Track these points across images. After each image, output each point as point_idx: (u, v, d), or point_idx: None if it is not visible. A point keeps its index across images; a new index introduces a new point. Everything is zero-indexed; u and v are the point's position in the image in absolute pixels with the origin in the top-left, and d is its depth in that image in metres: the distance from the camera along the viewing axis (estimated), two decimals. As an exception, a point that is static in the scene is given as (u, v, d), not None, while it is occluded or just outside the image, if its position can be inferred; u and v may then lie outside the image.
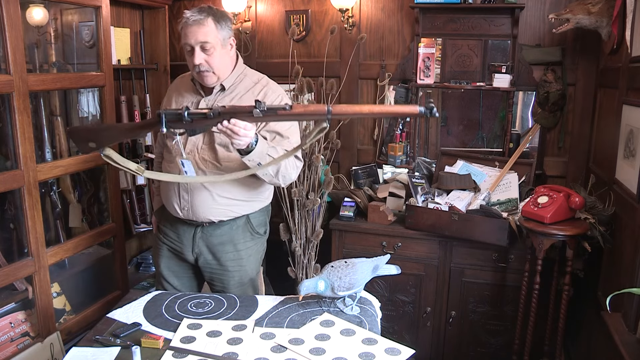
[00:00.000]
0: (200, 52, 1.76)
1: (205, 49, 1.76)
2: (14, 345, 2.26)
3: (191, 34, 1.75)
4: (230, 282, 1.99)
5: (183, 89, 1.96)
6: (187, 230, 1.97)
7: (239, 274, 2.00)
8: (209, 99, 1.88)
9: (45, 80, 2.31)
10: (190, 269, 2.06)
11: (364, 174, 3.01)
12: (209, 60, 1.78)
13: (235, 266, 1.98)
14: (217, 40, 1.78)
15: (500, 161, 2.72)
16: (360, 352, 1.41)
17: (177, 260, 2.04)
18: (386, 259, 1.74)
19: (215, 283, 2.03)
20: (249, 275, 2.03)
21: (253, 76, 1.94)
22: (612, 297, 1.59)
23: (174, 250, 2.02)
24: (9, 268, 2.18)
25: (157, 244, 2.07)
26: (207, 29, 1.75)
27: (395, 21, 2.98)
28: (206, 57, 1.77)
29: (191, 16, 1.75)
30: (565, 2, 2.63)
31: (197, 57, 1.77)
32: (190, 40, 1.76)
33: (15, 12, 2.06)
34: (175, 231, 1.99)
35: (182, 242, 1.99)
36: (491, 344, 2.57)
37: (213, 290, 2.06)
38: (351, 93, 3.06)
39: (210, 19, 1.76)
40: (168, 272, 2.05)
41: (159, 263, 2.05)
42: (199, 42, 1.75)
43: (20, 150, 2.15)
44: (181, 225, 1.97)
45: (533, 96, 2.78)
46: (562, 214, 2.20)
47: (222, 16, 1.80)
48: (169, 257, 2.04)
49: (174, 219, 1.98)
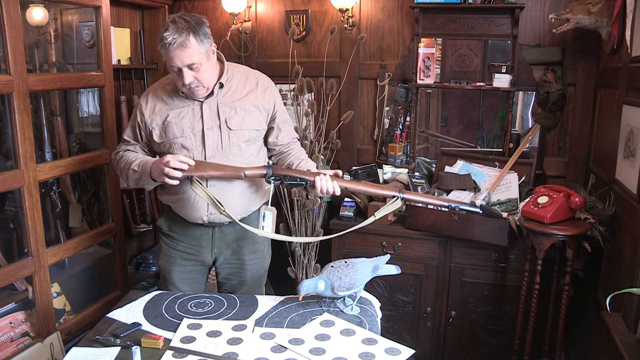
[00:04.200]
0: (188, 72, 1.73)
1: (192, 69, 1.73)
2: (14, 345, 2.26)
3: (176, 58, 1.70)
4: (248, 274, 2.04)
5: (170, 100, 1.87)
6: (204, 233, 1.97)
7: (256, 266, 2.06)
8: (210, 99, 1.87)
9: (45, 80, 2.31)
10: (202, 272, 2.06)
11: (364, 174, 3.01)
12: (198, 77, 1.75)
13: (252, 259, 2.04)
14: (202, 56, 1.74)
15: (500, 161, 2.72)
16: (360, 352, 1.41)
17: (191, 266, 2.02)
18: (386, 259, 1.74)
19: (232, 278, 2.05)
20: (264, 267, 2.11)
21: (238, 68, 1.96)
22: (612, 297, 1.59)
23: (190, 256, 2.00)
24: (9, 268, 2.18)
25: (168, 252, 2.03)
26: (191, 50, 1.69)
27: (395, 21, 2.98)
28: (195, 74, 1.74)
29: (173, 40, 1.66)
30: (565, 2, 2.63)
31: (187, 77, 1.73)
32: (176, 64, 1.71)
33: (15, 12, 2.05)
34: (190, 236, 1.98)
35: (200, 246, 1.98)
36: (491, 344, 2.57)
37: (225, 287, 2.08)
38: (351, 93, 3.06)
39: (191, 36, 1.68)
40: (180, 279, 2.02)
41: (171, 270, 2.02)
42: (185, 64, 1.71)
43: (20, 150, 2.15)
44: (197, 229, 1.96)
45: (533, 96, 2.78)
46: (562, 214, 2.19)
47: (200, 27, 1.72)
48: (183, 264, 2.02)
49: (188, 224, 1.96)
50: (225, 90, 1.88)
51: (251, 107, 1.90)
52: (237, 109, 1.88)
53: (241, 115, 1.88)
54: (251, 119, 1.90)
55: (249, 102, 1.90)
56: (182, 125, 1.84)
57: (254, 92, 1.91)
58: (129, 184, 1.92)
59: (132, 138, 1.95)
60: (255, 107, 1.90)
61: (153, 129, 1.87)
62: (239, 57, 3.18)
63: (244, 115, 1.88)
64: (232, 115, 1.86)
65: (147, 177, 1.80)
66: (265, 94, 1.93)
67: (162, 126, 1.86)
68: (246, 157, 1.91)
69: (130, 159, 1.89)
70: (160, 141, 1.87)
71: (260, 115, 1.92)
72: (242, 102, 1.89)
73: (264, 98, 1.93)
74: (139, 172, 1.83)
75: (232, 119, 1.86)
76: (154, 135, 1.87)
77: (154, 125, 1.87)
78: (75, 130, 2.83)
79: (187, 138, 1.84)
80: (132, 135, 1.95)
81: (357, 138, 3.14)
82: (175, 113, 1.86)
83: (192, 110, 1.86)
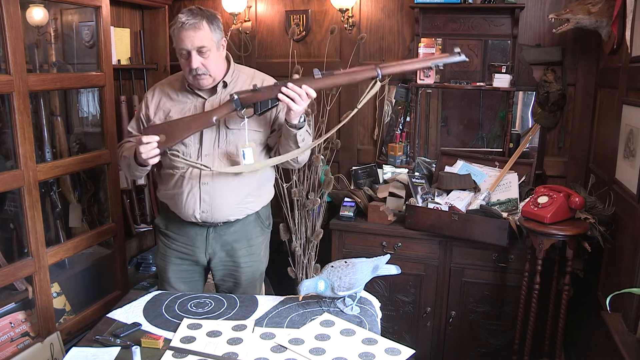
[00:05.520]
0: (197, 56, 1.76)
1: (201, 53, 1.76)
2: (14, 345, 2.26)
3: (187, 39, 1.74)
4: (243, 277, 2.03)
5: (175, 96, 1.91)
6: (199, 233, 1.96)
7: (251, 269, 2.04)
8: (213, 98, 1.87)
9: (45, 80, 2.31)
10: (198, 272, 2.06)
11: (364, 174, 3.01)
12: (205, 64, 1.78)
13: (248, 262, 2.02)
14: (213, 43, 1.78)
15: (500, 161, 2.72)
16: (360, 352, 1.41)
17: (187, 265, 2.03)
18: (386, 259, 1.74)
19: (227, 280, 2.04)
20: (260, 270, 2.09)
21: (244, 70, 1.98)
22: (612, 297, 1.59)
23: (184, 255, 2.01)
24: (9, 268, 2.18)
25: (164, 251, 2.03)
26: (202, 33, 1.74)
27: (395, 21, 2.98)
28: (203, 60, 1.77)
29: (186, 20, 1.72)
30: (565, 2, 2.63)
31: (195, 61, 1.76)
32: (186, 45, 1.74)
33: (15, 12, 2.05)
34: (185, 235, 1.98)
35: (194, 245, 1.98)
36: (491, 344, 2.57)
37: (222, 289, 2.07)
38: (351, 93, 3.06)
39: (204, 21, 1.75)
40: (176, 278, 2.03)
41: (167, 269, 2.02)
42: (195, 46, 1.74)
43: (20, 150, 2.15)
44: (191, 228, 1.96)
45: (533, 96, 2.78)
46: (562, 214, 2.20)
47: (214, 18, 1.80)
48: (178, 263, 2.02)
49: (183, 223, 1.96)
50: (228, 90, 1.88)
51: None
52: None
53: None
54: (252, 119, 1.90)
55: None
56: None
57: None
58: (126, 173, 1.96)
59: (135, 130, 1.98)
60: None
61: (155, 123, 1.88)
62: (239, 57, 3.18)
63: None
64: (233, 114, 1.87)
65: (134, 162, 1.82)
66: None
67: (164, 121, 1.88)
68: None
69: (125, 147, 1.93)
70: None
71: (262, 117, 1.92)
72: None
73: None
74: (128, 158, 1.86)
75: (231, 118, 1.86)
76: None
77: (155, 120, 1.89)
78: (75, 130, 2.83)
79: None
80: (136, 127, 1.99)
81: (357, 138, 3.14)
82: (178, 109, 1.88)
83: (194, 107, 1.88)
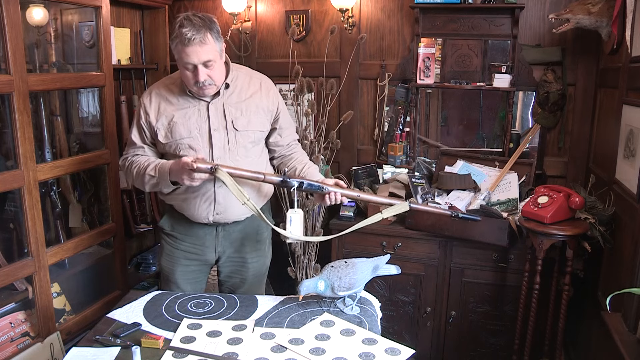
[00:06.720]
0: (203, 69, 1.72)
1: (207, 65, 1.73)
2: (14, 345, 2.26)
3: (194, 54, 1.69)
4: (250, 272, 2.06)
5: (175, 100, 1.86)
6: (208, 232, 1.97)
7: (258, 264, 2.08)
8: (216, 100, 1.86)
9: (45, 80, 2.31)
10: (204, 271, 2.07)
11: (364, 174, 3.01)
12: (211, 74, 1.75)
13: (255, 257, 2.06)
14: (217, 54, 1.75)
15: (500, 161, 2.72)
16: (360, 352, 1.41)
17: (194, 266, 2.03)
18: (386, 259, 1.74)
19: (234, 276, 2.07)
20: (266, 264, 2.13)
21: (241, 69, 1.97)
22: (612, 297, 1.60)
23: (193, 255, 2.01)
24: (9, 268, 2.18)
25: (170, 252, 2.02)
26: (208, 47, 1.70)
27: (395, 21, 2.98)
28: (209, 72, 1.74)
29: (192, 36, 1.66)
30: (565, 2, 2.63)
31: (202, 75, 1.72)
32: (193, 60, 1.70)
33: (15, 12, 2.05)
34: (194, 235, 1.98)
35: (203, 245, 1.99)
36: (491, 344, 2.57)
37: (227, 285, 2.09)
38: (351, 93, 3.06)
39: (208, 34, 1.70)
40: (183, 280, 2.02)
41: (174, 270, 2.02)
42: (202, 61, 1.71)
43: (20, 150, 2.15)
44: (200, 228, 1.96)
45: (533, 96, 2.78)
46: (562, 214, 2.19)
47: (214, 25, 1.75)
48: (186, 264, 2.02)
49: (191, 224, 1.96)
50: (230, 91, 1.88)
51: (256, 108, 1.90)
52: (243, 110, 1.88)
53: (247, 116, 1.88)
54: (257, 120, 1.90)
55: (254, 103, 1.90)
56: (188, 125, 1.83)
57: (258, 93, 1.92)
58: (145, 188, 1.89)
59: (139, 139, 1.91)
60: (260, 108, 1.91)
61: (158, 129, 1.85)
62: (239, 57, 3.18)
63: (250, 116, 1.89)
64: (238, 116, 1.87)
65: (165, 181, 1.78)
66: (269, 95, 1.94)
67: (168, 127, 1.84)
68: (251, 157, 1.91)
69: (143, 163, 1.85)
70: (166, 142, 1.85)
71: (264, 117, 1.93)
72: (247, 103, 1.89)
73: (268, 99, 1.93)
74: (156, 177, 1.80)
75: (238, 119, 1.86)
76: (159, 135, 1.85)
77: (159, 126, 1.85)
78: (75, 130, 2.83)
79: (194, 139, 1.83)
80: (139, 136, 1.91)
81: (357, 138, 3.14)
82: (182, 113, 1.84)
83: (198, 110, 1.85)
